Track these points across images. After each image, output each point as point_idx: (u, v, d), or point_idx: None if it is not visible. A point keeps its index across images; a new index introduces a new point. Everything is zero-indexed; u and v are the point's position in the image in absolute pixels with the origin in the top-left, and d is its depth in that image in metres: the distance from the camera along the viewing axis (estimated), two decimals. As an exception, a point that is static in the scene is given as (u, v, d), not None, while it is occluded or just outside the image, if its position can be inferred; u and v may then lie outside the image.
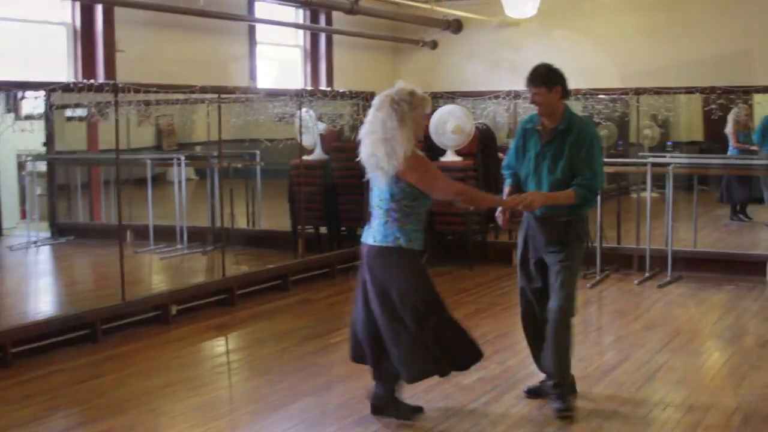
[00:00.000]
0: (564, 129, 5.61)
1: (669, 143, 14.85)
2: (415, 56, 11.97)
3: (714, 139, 13.32)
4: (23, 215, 11.30)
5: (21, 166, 10.98)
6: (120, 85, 7.65)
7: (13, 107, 8.89)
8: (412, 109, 5.22)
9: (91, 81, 7.54)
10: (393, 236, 5.28)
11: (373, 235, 5.36)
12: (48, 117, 9.76)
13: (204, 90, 8.38)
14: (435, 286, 5.45)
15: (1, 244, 10.83)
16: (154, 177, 11.28)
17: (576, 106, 9.68)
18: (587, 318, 8.30)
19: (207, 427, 5.52)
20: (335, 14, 10.66)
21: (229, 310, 8.63)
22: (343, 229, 10.98)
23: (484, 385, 6.20)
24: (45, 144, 10.80)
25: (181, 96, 8.55)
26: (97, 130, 10.32)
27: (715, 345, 7.37)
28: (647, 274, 9.74)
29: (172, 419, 5.67)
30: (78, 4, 8.25)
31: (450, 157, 10.44)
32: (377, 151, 5.22)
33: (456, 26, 11.59)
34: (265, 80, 10.36)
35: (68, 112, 10.47)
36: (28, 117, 9.68)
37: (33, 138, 9.93)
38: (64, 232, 11.31)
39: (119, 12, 8.35)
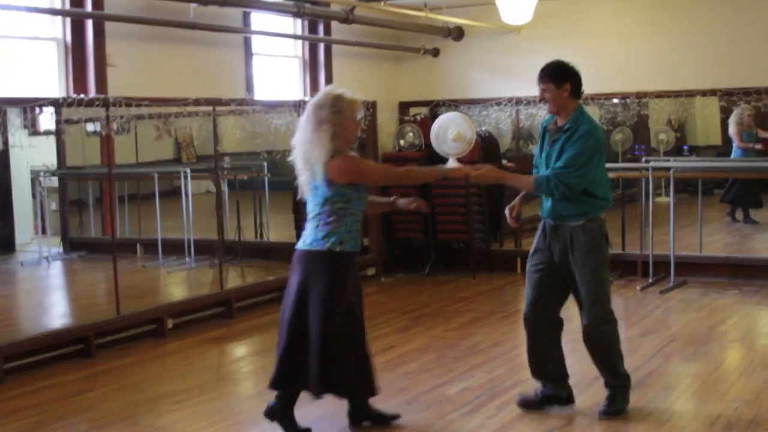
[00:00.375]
0: (568, 128, 5.47)
1: (685, 147, 14.67)
2: (416, 64, 11.92)
3: (731, 143, 13.15)
4: (37, 230, 11.37)
5: (34, 181, 11.06)
6: (111, 100, 7.70)
7: (29, 123, 8.95)
8: (336, 114, 5.19)
9: (82, 96, 7.57)
10: (323, 239, 5.25)
11: (303, 239, 5.36)
12: (59, 132, 9.81)
13: (198, 102, 8.38)
14: (359, 300, 5.44)
15: (14, 260, 10.89)
16: (173, 190, 11.29)
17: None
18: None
19: (185, 440, 5.55)
20: (334, 24, 10.63)
21: (228, 322, 8.65)
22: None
23: (467, 395, 6.17)
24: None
25: (174, 109, 8.53)
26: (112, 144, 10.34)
27: (709, 351, 7.24)
28: (650, 280, 9.64)
29: (152, 433, 5.69)
30: (68, 20, 8.28)
31: (451, 165, 10.36)
32: (300, 156, 5.25)
33: (457, 33, 11.51)
34: (263, 92, 10.33)
35: (90, 127, 10.51)
36: (41, 132, 9.73)
37: (47, 153, 10.00)
38: (77, 248, 11.36)
39: (110, 26, 8.37)
